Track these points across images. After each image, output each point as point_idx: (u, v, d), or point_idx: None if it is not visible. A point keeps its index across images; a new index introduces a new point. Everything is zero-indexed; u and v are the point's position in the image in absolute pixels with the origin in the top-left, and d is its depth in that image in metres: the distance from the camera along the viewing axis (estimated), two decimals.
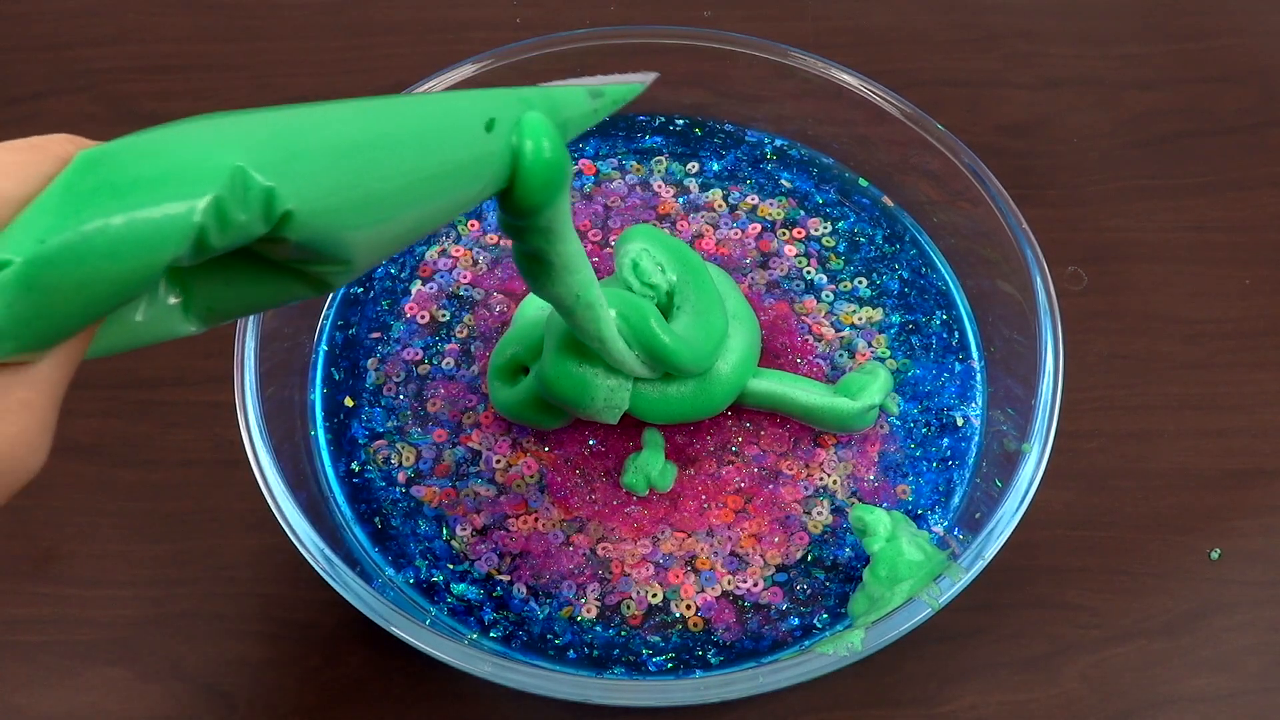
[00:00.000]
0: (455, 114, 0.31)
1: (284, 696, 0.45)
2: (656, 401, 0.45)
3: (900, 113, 0.52)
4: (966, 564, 0.41)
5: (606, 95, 0.36)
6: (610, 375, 0.43)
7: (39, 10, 0.65)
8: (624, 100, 0.37)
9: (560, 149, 0.33)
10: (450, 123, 0.30)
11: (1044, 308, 0.47)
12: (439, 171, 0.30)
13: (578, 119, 0.35)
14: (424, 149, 0.29)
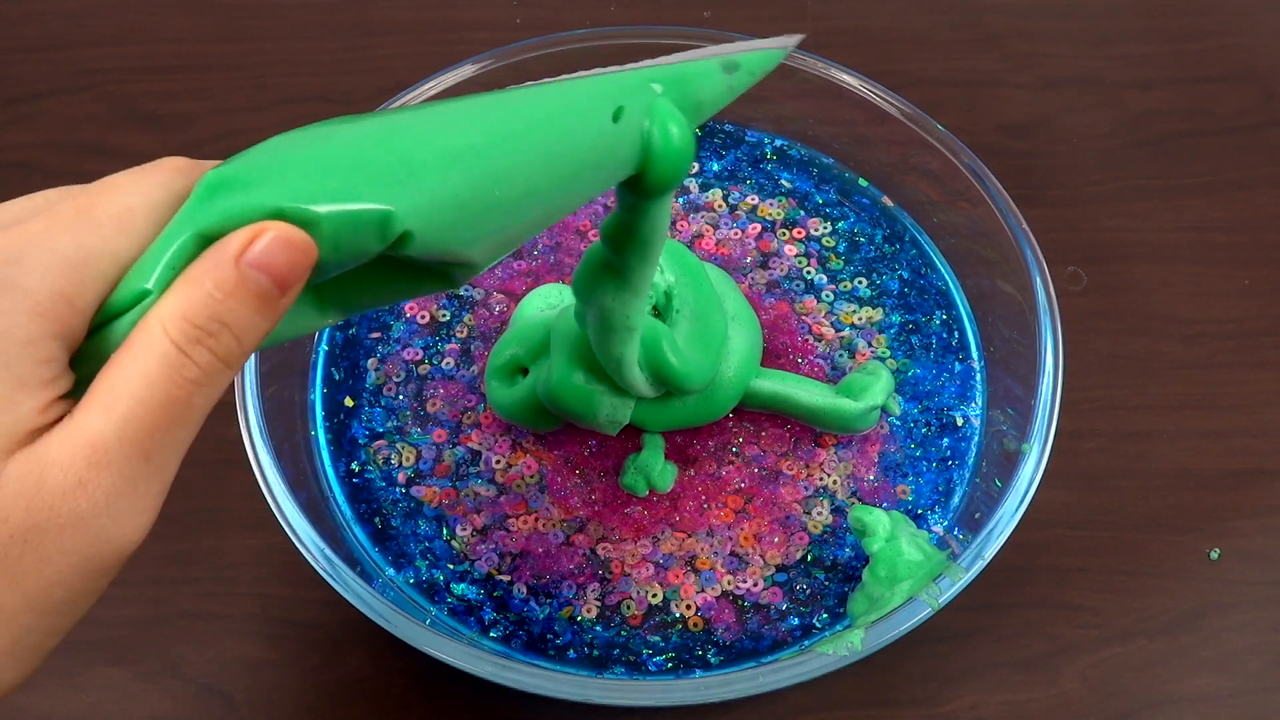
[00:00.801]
0: (580, 107, 0.29)
1: (284, 696, 0.45)
2: (660, 411, 0.45)
3: (900, 113, 0.52)
4: (966, 564, 0.41)
5: (743, 67, 0.33)
6: (615, 393, 0.43)
7: (39, 10, 0.65)
8: (764, 70, 0.33)
9: (689, 139, 0.31)
10: (575, 119, 0.29)
11: (1044, 308, 0.47)
12: (565, 172, 0.28)
13: (712, 98, 0.33)
14: (548, 151, 0.28)
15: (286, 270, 0.23)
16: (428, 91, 0.51)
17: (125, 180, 0.24)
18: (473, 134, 0.27)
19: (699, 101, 0.32)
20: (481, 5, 0.66)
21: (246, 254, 0.23)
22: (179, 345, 0.22)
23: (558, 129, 0.29)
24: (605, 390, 0.43)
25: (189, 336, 0.23)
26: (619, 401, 0.43)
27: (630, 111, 0.30)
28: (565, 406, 0.43)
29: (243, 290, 0.23)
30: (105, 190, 0.24)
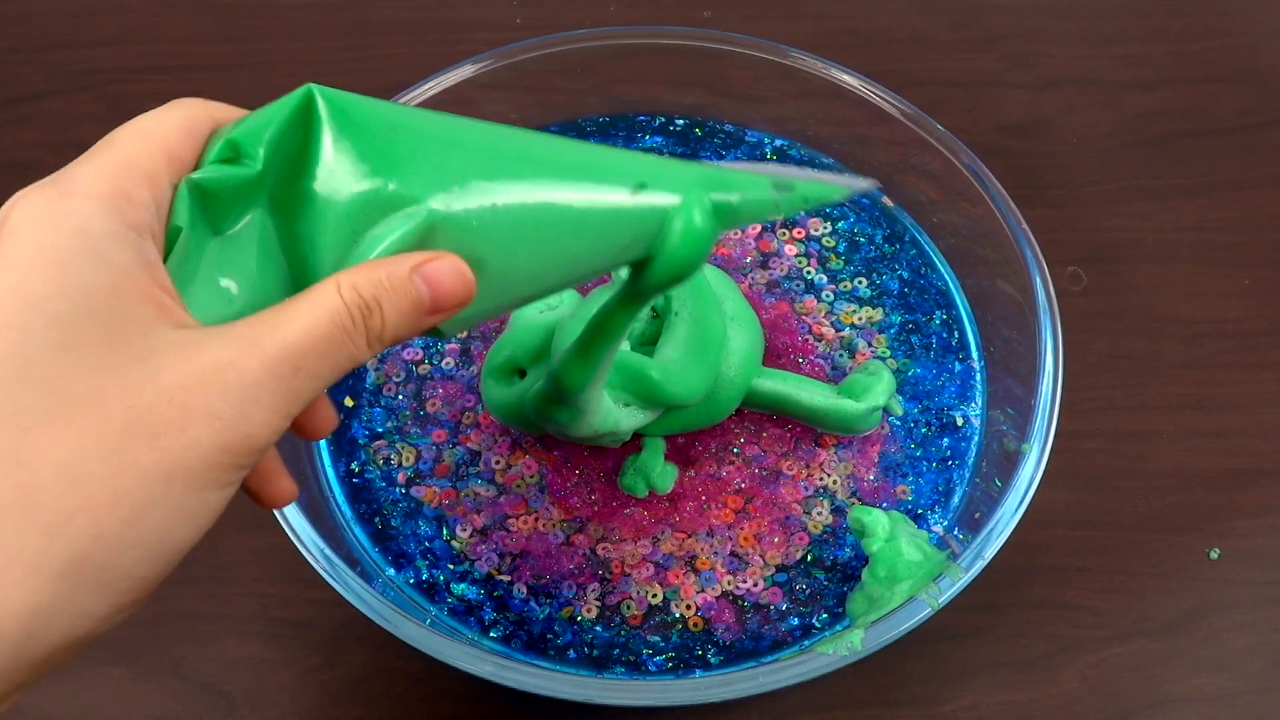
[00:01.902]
0: (607, 165, 0.31)
1: (284, 696, 0.45)
2: (662, 418, 0.45)
3: (900, 113, 0.52)
4: (966, 564, 0.41)
5: (797, 191, 0.34)
6: (620, 413, 0.43)
7: (39, 11, 0.65)
8: (819, 201, 0.34)
9: (709, 234, 0.32)
10: (599, 172, 0.31)
11: (1044, 308, 0.47)
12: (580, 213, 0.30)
13: (751, 206, 0.33)
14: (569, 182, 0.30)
15: (446, 292, 0.28)
16: (428, 91, 0.51)
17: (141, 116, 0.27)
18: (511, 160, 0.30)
19: (734, 206, 0.33)
20: (481, 5, 0.66)
21: (423, 267, 0.27)
22: (346, 301, 0.26)
23: (582, 167, 0.31)
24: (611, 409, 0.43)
25: (354, 301, 0.26)
26: (624, 416, 0.43)
27: (654, 189, 0.31)
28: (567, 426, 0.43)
29: (404, 290, 0.27)
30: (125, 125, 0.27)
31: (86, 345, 0.23)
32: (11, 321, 0.23)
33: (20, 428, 0.23)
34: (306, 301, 0.26)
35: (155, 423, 0.23)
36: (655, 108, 0.56)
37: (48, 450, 0.23)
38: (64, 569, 0.23)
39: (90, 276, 0.24)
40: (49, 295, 0.23)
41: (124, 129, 0.27)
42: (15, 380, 0.23)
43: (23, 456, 0.22)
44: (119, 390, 0.23)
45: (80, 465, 0.23)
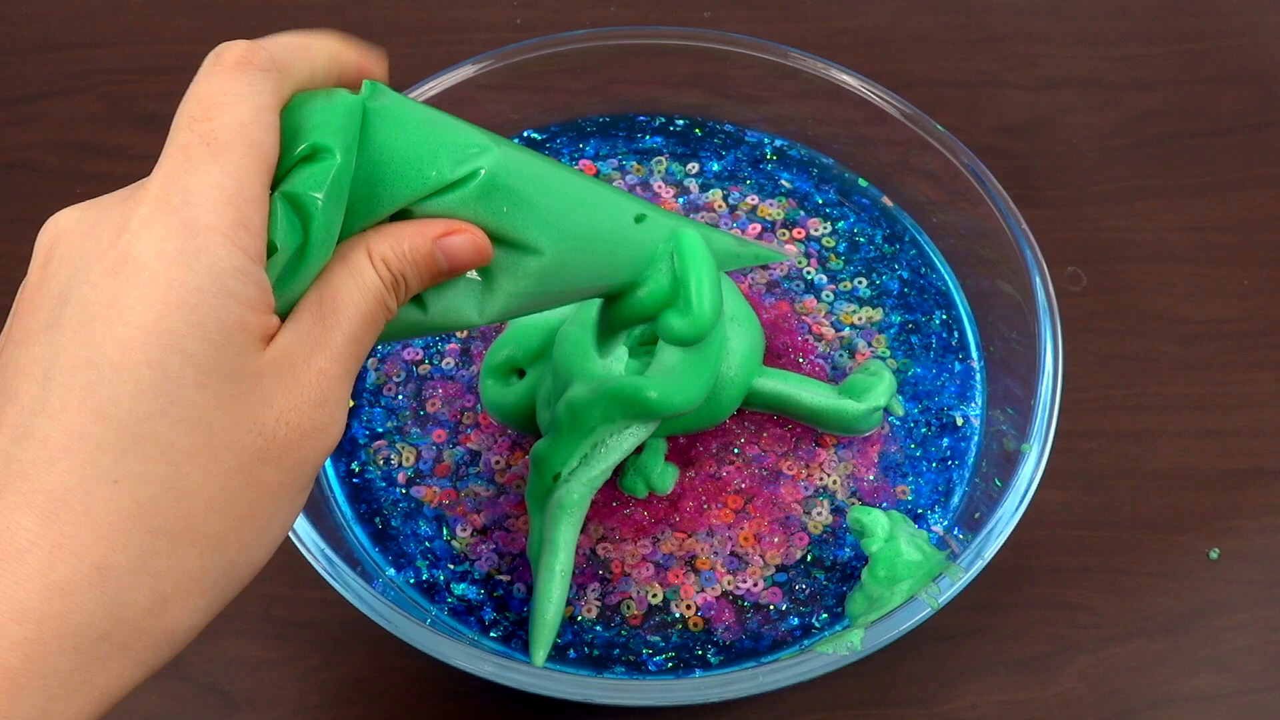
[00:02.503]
0: (609, 195, 0.34)
1: (284, 696, 0.45)
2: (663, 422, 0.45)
3: (900, 113, 0.52)
4: (966, 564, 0.41)
5: (750, 249, 0.41)
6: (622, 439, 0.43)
7: (40, 11, 0.65)
8: (765, 260, 0.42)
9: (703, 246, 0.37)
10: (605, 199, 0.34)
11: (1043, 308, 0.47)
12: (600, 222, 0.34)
13: (722, 253, 0.39)
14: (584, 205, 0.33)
15: (463, 263, 0.30)
16: (428, 91, 0.52)
17: (220, 93, 0.26)
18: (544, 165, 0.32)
19: (710, 243, 0.38)
20: (481, 5, 0.66)
21: (444, 240, 0.29)
22: (382, 278, 0.28)
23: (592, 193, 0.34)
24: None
25: (387, 278, 0.28)
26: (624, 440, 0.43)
27: (650, 225, 0.36)
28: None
29: (428, 263, 0.29)
30: (212, 110, 0.26)
31: (217, 381, 0.25)
32: (152, 360, 0.24)
33: (173, 463, 0.24)
34: (350, 280, 0.28)
35: (279, 447, 0.26)
36: (655, 108, 0.56)
37: (200, 483, 0.25)
38: (217, 580, 0.26)
39: (222, 314, 0.25)
40: (185, 335, 0.24)
41: (228, 131, 0.26)
42: (160, 417, 0.24)
43: (181, 489, 0.25)
44: (248, 421, 0.26)
45: (227, 493, 0.25)
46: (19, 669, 0.23)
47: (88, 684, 0.24)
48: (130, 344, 0.24)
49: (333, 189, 0.27)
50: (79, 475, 0.23)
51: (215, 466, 0.25)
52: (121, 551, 0.24)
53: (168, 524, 0.25)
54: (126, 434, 0.24)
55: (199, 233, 0.25)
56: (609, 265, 0.35)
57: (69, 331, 0.24)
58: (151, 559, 0.24)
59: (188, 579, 0.25)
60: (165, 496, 0.24)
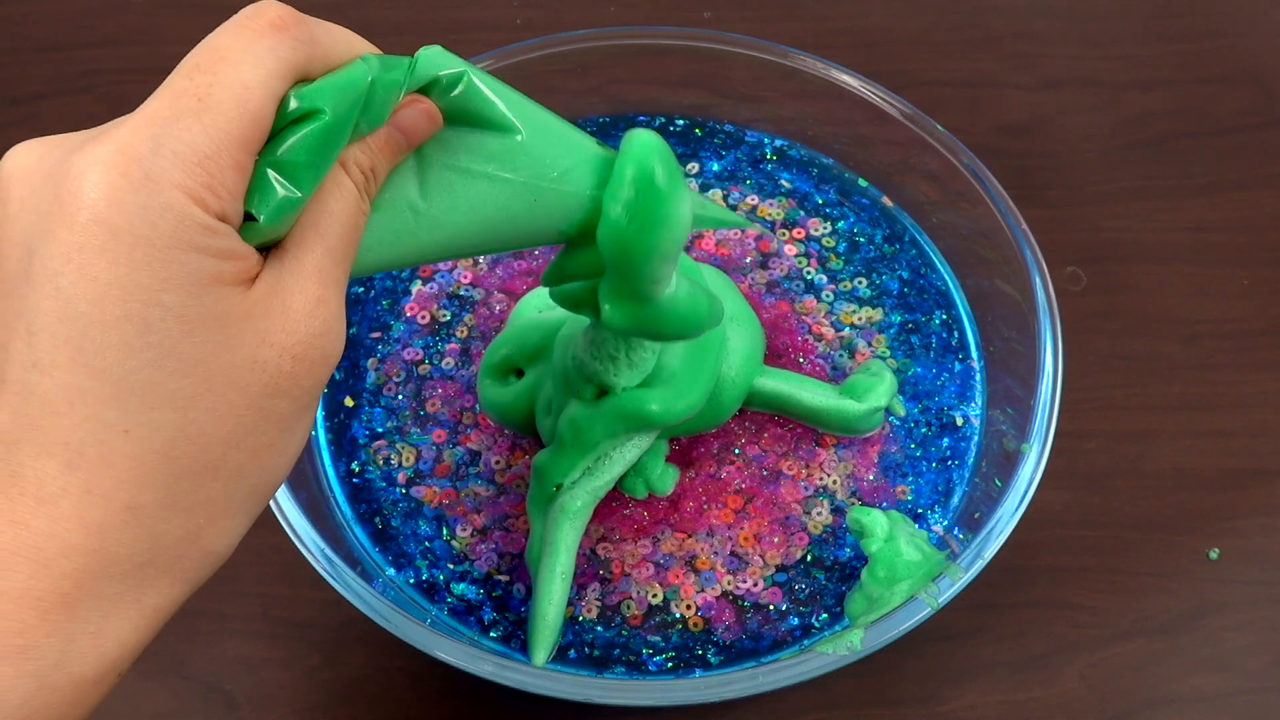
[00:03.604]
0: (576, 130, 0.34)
1: (284, 696, 0.45)
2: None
3: (900, 113, 0.52)
4: (966, 564, 0.41)
5: (710, 211, 0.39)
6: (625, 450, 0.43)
7: (40, 11, 0.65)
8: (726, 225, 0.40)
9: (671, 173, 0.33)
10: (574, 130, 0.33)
11: (1043, 308, 0.47)
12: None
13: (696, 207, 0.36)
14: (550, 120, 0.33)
15: (420, 135, 0.30)
16: None
17: (234, 49, 0.26)
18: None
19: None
20: (481, 5, 0.66)
21: (396, 117, 0.29)
22: (358, 184, 0.28)
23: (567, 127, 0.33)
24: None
25: (360, 181, 0.28)
26: (626, 451, 0.43)
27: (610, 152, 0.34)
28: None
29: (390, 147, 0.29)
30: (218, 66, 0.26)
31: (204, 330, 0.25)
32: (131, 315, 0.24)
33: (179, 410, 0.25)
34: (338, 201, 0.28)
35: (285, 378, 0.26)
36: (655, 108, 0.57)
37: (211, 425, 0.25)
38: (244, 503, 0.27)
39: (193, 268, 0.25)
40: (158, 289, 0.24)
41: (227, 90, 0.26)
42: (154, 368, 0.25)
43: (194, 433, 0.25)
44: (248, 361, 0.26)
45: (241, 430, 0.26)
46: (73, 595, 0.24)
47: (139, 602, 0.25)
48: (103, 299, 0.24)
49: (321, 150, 0.27)
50: (88, 428, 0.24)
51: (225, 409, 0.26)
52: (149, 491, 0.25)
53: (188, 465, 0.25)
54: (124, 387, 0.24)
55: (163, 189, 0.24)
56: (582, 173, 0.33)
57: (39, 284, 0.24)
58: (179, 496, 0.25)
59: (216, 508, 0.26)
60: (179, 440, 0.25)
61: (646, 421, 0.41)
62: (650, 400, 0.41)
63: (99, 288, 0.24)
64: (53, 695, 0.24)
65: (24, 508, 0.24)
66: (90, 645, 0.24)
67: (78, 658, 0.24)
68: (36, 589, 0.24)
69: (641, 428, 0.42)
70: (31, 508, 0.24)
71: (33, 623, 0.23)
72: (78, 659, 0.24)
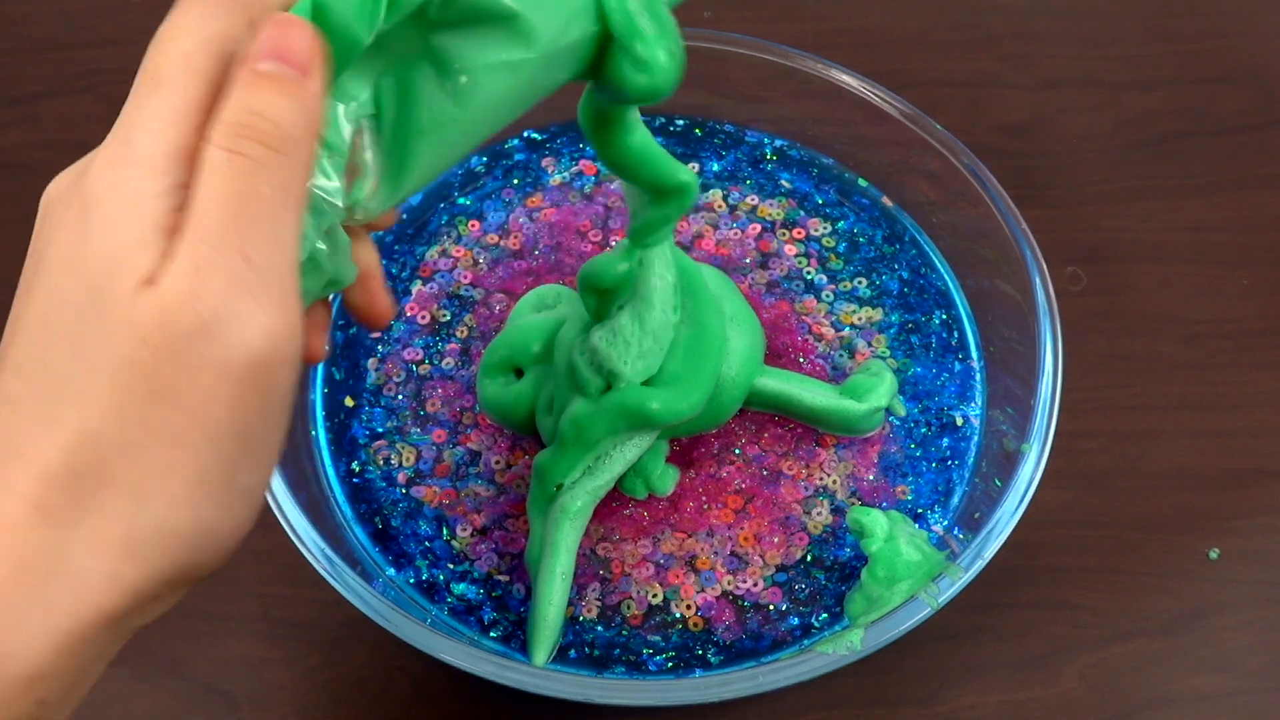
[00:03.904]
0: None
1: (284, 696, 0.45)
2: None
3: (900, 113, 0.52)
4: (966, 564, 0.41)
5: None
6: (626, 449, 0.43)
7: (40, 11, 0.65)
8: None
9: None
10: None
11: (1043, 308, 0.47)
12: None
13: None
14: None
15: (296, 52, 0.26)
16: None
17: (174, 28, 0.27)
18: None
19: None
20: None
21: (254, 54, 0.25)
22: (225, 146, 0.25)
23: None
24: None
25: (231, 134, 0.25)
26: (627, 451, 0.43)
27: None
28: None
29: (259, 80, 0.25)
30: (163, 47, 0.27)
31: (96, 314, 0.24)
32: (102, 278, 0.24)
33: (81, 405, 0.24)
34: (200, 181, 0.25)
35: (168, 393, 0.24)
36: (655, 108, 0.56)
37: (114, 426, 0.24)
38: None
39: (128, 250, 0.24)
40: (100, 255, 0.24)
41: (171, 63, 0.26)
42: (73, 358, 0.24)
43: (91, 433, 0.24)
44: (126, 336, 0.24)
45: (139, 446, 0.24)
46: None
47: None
48: (78, 285, 0.24)
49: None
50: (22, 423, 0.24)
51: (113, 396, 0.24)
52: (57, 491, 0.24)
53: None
54: (53, 382, 0.24)
55: (132, 164, 0.24)
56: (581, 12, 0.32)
57: (45, 271, 0.25)
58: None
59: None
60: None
61: (647, 419, 0.41)
62: (651, 399, 0.41)
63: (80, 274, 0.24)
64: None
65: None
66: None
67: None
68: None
69: (642, 426, 0.42)
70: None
71: None
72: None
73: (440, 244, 0.53)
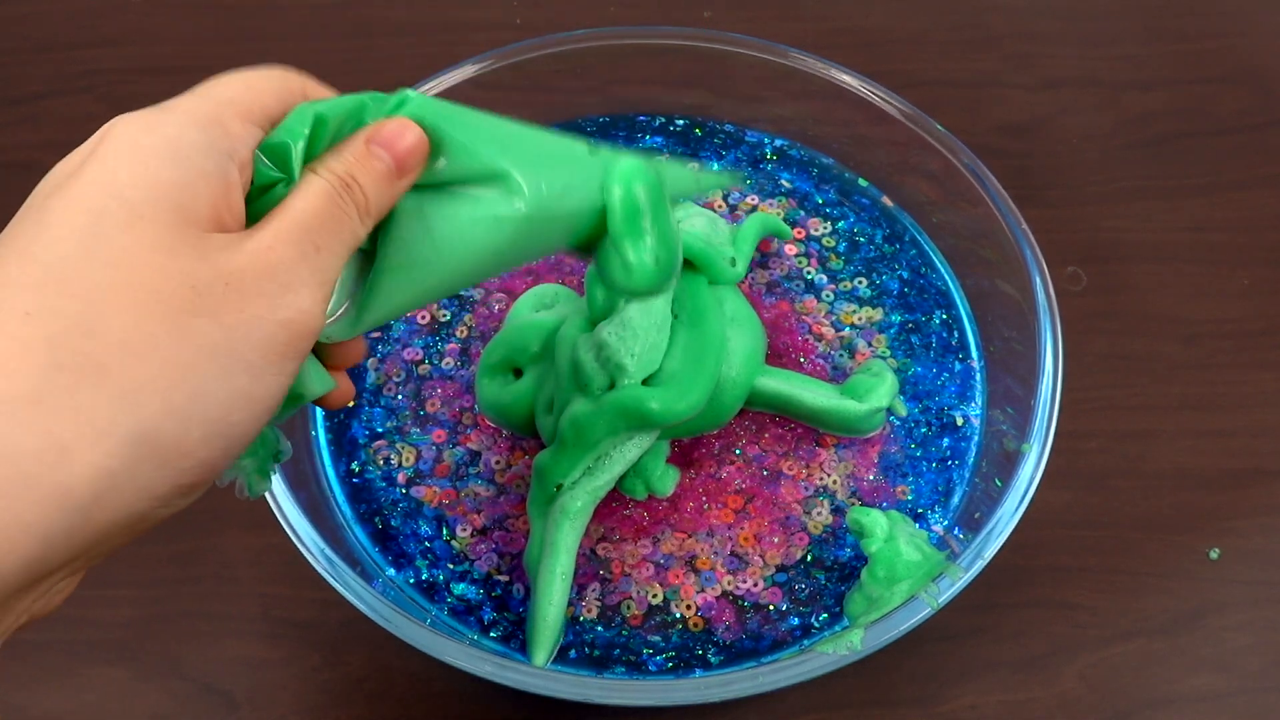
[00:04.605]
0: (565, 140, 0.35)
1: (284, 696, 0.45)
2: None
3: (900, 113, 0.52)
4: (966, 564, 0.41)
5: (709, 179, 0.42)
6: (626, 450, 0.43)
7: (41, 11, 0.65)
8: (722, 186, 0.45)
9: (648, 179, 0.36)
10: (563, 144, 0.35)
11: (1043, 308, 0.47)
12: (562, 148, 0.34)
13: (682, 185, 0.39)
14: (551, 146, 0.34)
15: (405, 151, 0.30)
16: (428, 92, 0.51)
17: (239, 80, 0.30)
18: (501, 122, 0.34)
19: (664, 177, 0.37)
20: (481, 5, 0.66)
21: (375, 135, 0.30)
22: (327, 179, 0.29)
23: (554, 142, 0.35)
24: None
25: (333, 179, 0.29)
26: (628, 450, 0.43)
27: (603, 156, 0.35)
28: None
29: (367, 160, 0.30)
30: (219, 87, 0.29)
31: (152, 229, 0.25)
32: (90, 206, 0.25)
33: (87, 300, 0.24)
34: (302, 190, 0.29)
35: (215, 302, 0.25)
36: (655, 108, 0.57)
37: (114, 320, 0.24)
38: (132, 436, 0.24)
39: (169, 174, 0.26)
40: (127, 184, 0.25)
41: (227, 76, 0.29)
42: (84, 257, 0.24)
43: (90, 327, 0.24)
44: (179, 271, 0.25)
45: (146, 338, 0.24)
46: None
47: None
48: (80, 195, 0.25)
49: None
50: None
51: (132, 306, 0.24)
52: (17, 380, 0.23)
53: (70, 359, 0.23)
54: (45, 272, 0.24)
55: (170, 112, 0.27)
56: (580, 185, 0.35)
57: (56, 195, 0.26)
58: (48, 393, 0.23)
59: (91, 427, 0.23)
60: (72, 330, 0.23)
61: (647, 419, 0.41)
62: (651, 398, 0.41)
63: (82, 186, 0.25)
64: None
65: None
66: None
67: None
68: None
69: (642, 426, 0.42)
70: None
71: None
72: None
73: None
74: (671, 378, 0.42)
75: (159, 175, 0.26)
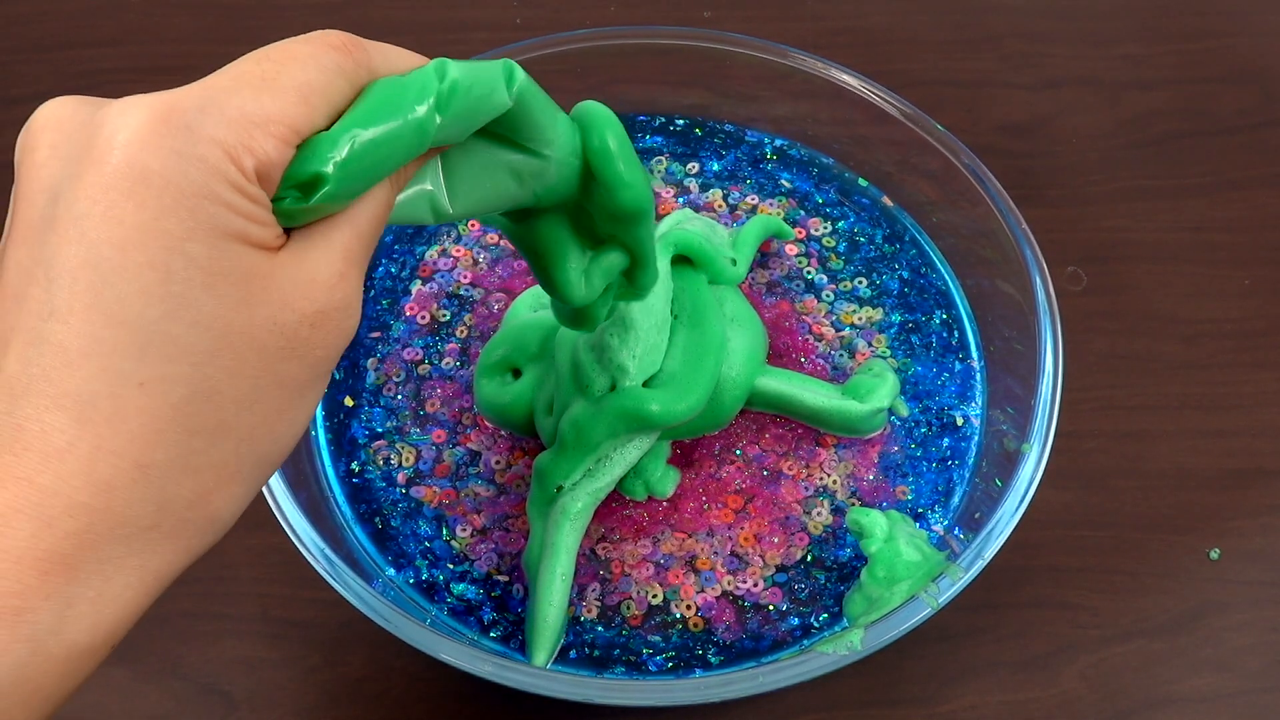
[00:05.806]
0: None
1: (284, 696, 0.45)
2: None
3: (900, 113, 0.52)
4: (966, 564, 0.41)
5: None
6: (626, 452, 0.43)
7: (40, 11, 0.65)
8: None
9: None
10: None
11: (1043, 308, 0.47)
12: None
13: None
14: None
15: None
16: None
17: (304, 53, 0.27)
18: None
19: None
20: (481, 5, 0.66)
21: None
22: (393, 181, 0.29)
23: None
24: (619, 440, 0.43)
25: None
26: (628, 452, 0.43)
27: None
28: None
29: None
30: (286, 60, 0.27)
31: (226, 284, 0.25)
32: (154, 262, 0.24)
33: (195, 365, 0.25)
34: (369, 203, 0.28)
35: (301, 344, 0.26)
36: (655, 108, 0.57)
37: (227, 384, 0.25)
38: (251, 471, 0.27)
39: (221, 221, 0.25)
40: (184, 237, 0.24)
41: (292, 80, 0.26)
42: (172, 320, 0.24)
43: (209, 390, 0.25)
44: (266, 321, 0.26)
45: (255, 392, 0.26)
46: (75, 556, 0.23)
47: (141, 568, 0.25)
48: (127, 244, 0.24)
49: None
50: (102, 379, 0.24)
51: (241, 368, 0.25)
52: (160, 450, 0.24)
53: (202, 423, 0.25)
54: (141, 336, 0.24)
55: (201, 140, 0.25)
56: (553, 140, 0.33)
57: (62, 229, 0.24)
58: (191, 457, 0.25)
59: (226, 472, 0.26)
60: (195, 398, 0.25)
61: (647, 421, 0.41)
62: (651, 400, 0.41)
63: (124, 231, 0.24)
64: (46, 663, 0.23)
65: (28, 463, 0.23)
66: (89, 610, 0.24)
67: (75, 623, 0.23)
68: (38, 549, 0.23)
69: (642, 428, 0.42)
70: (36, 463, 0.23)
71: (32, 584, 0.23)
72: (75, 624, 0.23)
73: (440, 243, 0.53)
74: (672, 378, 0.42)
75: (211, 225, 0.25)
